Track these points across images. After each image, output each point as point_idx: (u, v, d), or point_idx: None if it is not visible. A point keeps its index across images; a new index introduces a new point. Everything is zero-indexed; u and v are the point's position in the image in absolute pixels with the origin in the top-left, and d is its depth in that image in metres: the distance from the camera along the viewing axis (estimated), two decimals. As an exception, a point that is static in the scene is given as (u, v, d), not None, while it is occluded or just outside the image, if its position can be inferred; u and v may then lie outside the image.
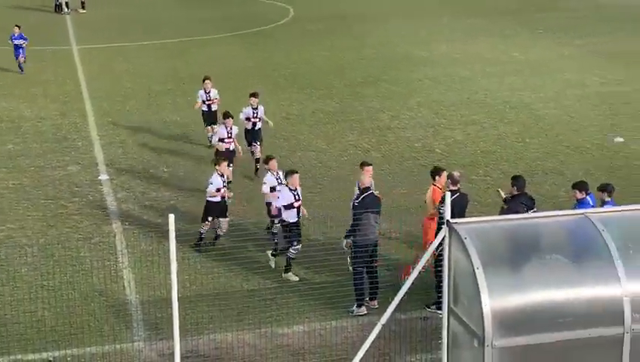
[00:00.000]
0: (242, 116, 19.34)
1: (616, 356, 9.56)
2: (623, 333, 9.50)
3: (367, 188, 13.66)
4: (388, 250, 15.04)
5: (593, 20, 37.81)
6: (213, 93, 21.18)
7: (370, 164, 14.90)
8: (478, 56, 31.11)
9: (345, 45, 33.73)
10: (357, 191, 13.98)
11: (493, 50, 32.31)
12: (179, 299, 10.52)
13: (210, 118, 21.08)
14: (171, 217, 10.20)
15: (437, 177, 14.20)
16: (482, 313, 9.27)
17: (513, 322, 9.45)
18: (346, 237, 13.39)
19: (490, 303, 9.30)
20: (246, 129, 19.44)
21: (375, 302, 13.25)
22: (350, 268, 13.47)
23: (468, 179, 18.47)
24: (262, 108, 19.67)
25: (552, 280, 9.66)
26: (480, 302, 9.30)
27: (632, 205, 12.04)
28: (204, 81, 21.23)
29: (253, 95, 19.64)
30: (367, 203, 13.32)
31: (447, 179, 13.81)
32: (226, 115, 18.58)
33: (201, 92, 21.19)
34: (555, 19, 38.22)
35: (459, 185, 13.62)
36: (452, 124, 23.12)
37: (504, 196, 13.80)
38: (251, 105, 19.46)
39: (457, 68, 29.45)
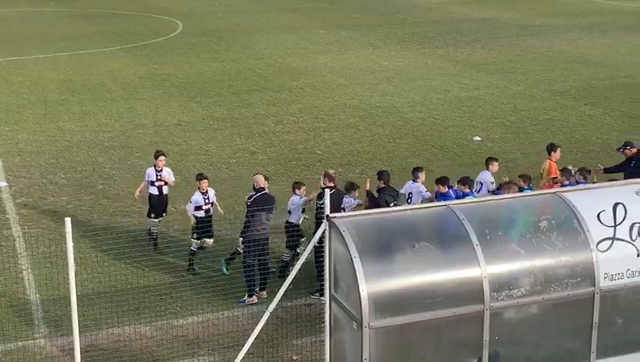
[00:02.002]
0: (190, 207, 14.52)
1: (477, 330, 9.83)
2: (483, 310, 9.79)
3: (262, 188, 13.56)
4: (278, 244, 15.04)
5: (452, 32, 38.92)
6: (167, 172, 15.39)
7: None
8: (352, 66, 31.53)
9: (232, 56, 33.55)
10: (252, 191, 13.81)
11: (366, 59, 32.81)
12: (78, 296, 10.22)
13: (160, 204, 15.31)
14: (68, 220, 9.89)
15: (552, 153, 15.33)
16: (359, 297, 9.38)
17: (387, 304, 9.60)
18: (242, 233, 13.30)
19: (367, 288, 9.42)
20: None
21: (264, 293, 13.23)
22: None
23: (347, 176, 18.69)
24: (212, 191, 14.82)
25: (421, 266, 9.84)
26: (357, 288, 9.41)
27: (488, 196, 12.50)
28: (157, 157, 15.32)
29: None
30: (259, 201, 13.27)
31: (324, 177, 13.93)
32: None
33: (150, 170, 15.31)
34: (419, 32, 39.15)
35: (335, 183, 13.74)
36: (330, 127, 23.33)
37: (367, 188, 14.13)
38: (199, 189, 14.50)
39: (334, 76, 29.76)
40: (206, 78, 29.67)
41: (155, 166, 15.32)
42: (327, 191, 10.84)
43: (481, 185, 14.50)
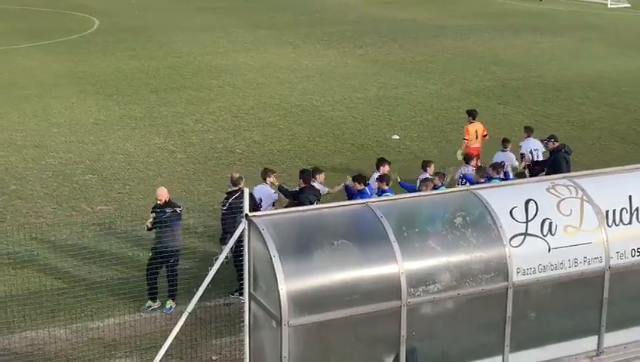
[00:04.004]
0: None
1: (395, 326, 9.94)
2: (401, 306, 9.90)
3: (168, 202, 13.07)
4: (193, 243, 14.89)
5: (371, 32, 39.30)
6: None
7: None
8: (272, 65, 31.48)
9: (149, 54, 33.03)
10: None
11: (285, 58, 32.80)
12: (-11, 301, 9.88)
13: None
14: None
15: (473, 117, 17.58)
16: (279, 296, 9.36)
17: (307, 302, 9.60)
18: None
19: (286, 287, 9.40)
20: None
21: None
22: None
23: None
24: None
25: (340, 263, 9.88)
26: (277, 287, 9.39)
27: (404, 194, 12.66)
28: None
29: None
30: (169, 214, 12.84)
31: (229, 181, 13.69)
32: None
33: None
34: (338, 31, 39.39)
35: (240, 185, 13.35)
36: (251, 126, 23.23)
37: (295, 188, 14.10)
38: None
39: (254, 75, 29.65)
40: (123, 76, 29.13)
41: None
42: (247, 190, 10.75)
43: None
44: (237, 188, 13.30)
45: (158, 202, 12.94)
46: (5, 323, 11.88)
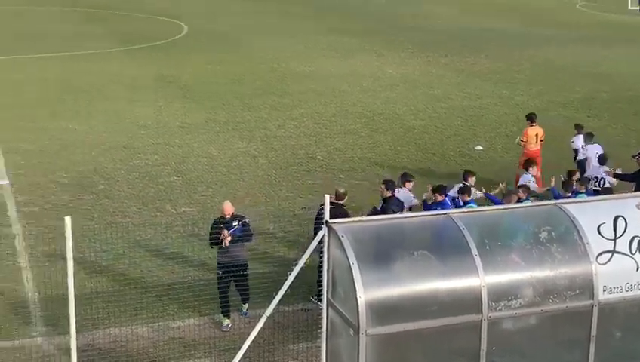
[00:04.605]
0: None
1: (475, 340, 9.81)
2: (481, 320, 9.76)
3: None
4: (273, 248, 15.03)
5: (456, 41, 38.94)
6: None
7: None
8: (356, 72, 31.55)
9: (235, 60, 33.58)
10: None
11: (369, 66, 32.83)
12: (76, 296, 10.18)
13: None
14: (68, 219, 9.87)
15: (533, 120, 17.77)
16: (357, 304, 9.36)
17: (385, 312, 9.57)
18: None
19: (364, 295, 9.39)
20: None
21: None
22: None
23: (348, 183, 18.70)
24: None
25: (419, 273, 9.82)
26: (355, 295, 9.39)
27: (487, 206, 12.48)
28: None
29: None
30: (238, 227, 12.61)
31: (334, 194, 13.32)
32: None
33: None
34: (423, 40, 39.18)
35: (343, 201, 13.22)
36: (332, 133, 23.32)
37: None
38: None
39: (337, 82, 29.78)
40: (209, 80, 29.69)
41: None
42: (327, 197, 10.76)
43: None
44: (339, 201, 13.04)
45: (226, 216, 12.53)
46: (90, 320, 12.22)
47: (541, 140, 18.52)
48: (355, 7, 52.32)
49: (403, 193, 13.99)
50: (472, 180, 14.62)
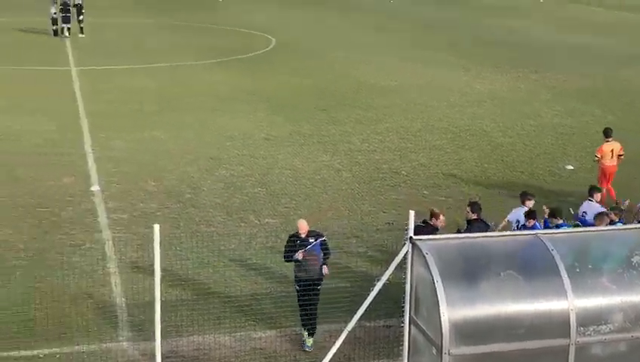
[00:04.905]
0: None
1: (561, 365, 9.57)
2: (569, 344, 9.51)
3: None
4: (354, 263, 15.01)
5: (548, 57, 38.20)
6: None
7: None
8: (443, 87, 31.31)
9: (322, 73, 33.83)
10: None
11: (457, 81, 32.54)
12: (162, 302, 10.41)
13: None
14: (156, 227, 10.12)
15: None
16: (440, 323, 9.26)
17: (469, 332, 9.44)
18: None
19: (448, 314, 9.28)
20: None
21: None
22: None
23: (431, 199, 18.55)
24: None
25: (505, 294, 9.66)
26: (439, 313, 9.29)
27: (577, 228, 12.15)
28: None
29: None
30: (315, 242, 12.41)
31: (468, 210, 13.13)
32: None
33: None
34: (513, 56, 38.60)
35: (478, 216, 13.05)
36: (417, 148, 23.18)
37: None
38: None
39: (424, 97, 29.62)
40: (295, 93, 29.99)
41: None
42: (412, 213, 10.66)
43: (585, 213, 14.14)
44: (475, 217, 12.89)
45: (301, 234, 12.34)
46: (174, 326, 12.47)
47: (619, 155, 18.44)
48: (442, 21, 52.02)
49: (519, 211, 13.63)
50: (597, 197, 14.54)
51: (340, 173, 20.82)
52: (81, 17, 41.83)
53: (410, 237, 10.10)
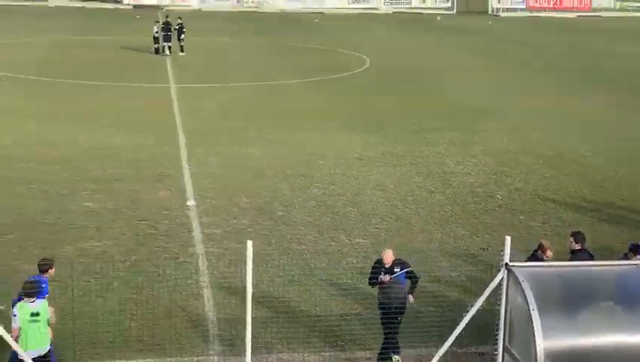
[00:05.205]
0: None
1: (664, 403, 9.16)
2: (672, 382, 9.10)
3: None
4: (448, 287, 14.79)
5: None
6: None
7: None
8: (539, 111, 30.69)
9: (416, 94, 33.72)
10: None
11: (555, 104, 31.85)
12: (252, 318, 10.51)
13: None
14: (249, 244, 10.24)
15: None
16: (536, 353, 9.02)
17: (565, 363, 9.17)
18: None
19: (544, 344, 9.04)
20: None
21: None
22: None
23: (527, 225, 18.15)
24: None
25: (604, 326, 9.35)
26: (534, 342, 9.05)
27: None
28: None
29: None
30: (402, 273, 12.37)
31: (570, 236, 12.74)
32: None
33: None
34: (612, 79, 37.53)
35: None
36: (513, 172, 22.74)
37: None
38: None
39: (521, 120, 29.09)
40: (389, 113, 29.95)
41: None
42: (508, 238, 10.46)
43: None
44: (579, 248, 12.35)
45: (386, 265, 12.33)
46: (264, 343, 12.57)
47: None
48: (541, 44, 51.12)
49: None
50: None
51: (433, 195, 20.62)
52: (182, 37, 43.08)
53: (506, 264, 9.90)
